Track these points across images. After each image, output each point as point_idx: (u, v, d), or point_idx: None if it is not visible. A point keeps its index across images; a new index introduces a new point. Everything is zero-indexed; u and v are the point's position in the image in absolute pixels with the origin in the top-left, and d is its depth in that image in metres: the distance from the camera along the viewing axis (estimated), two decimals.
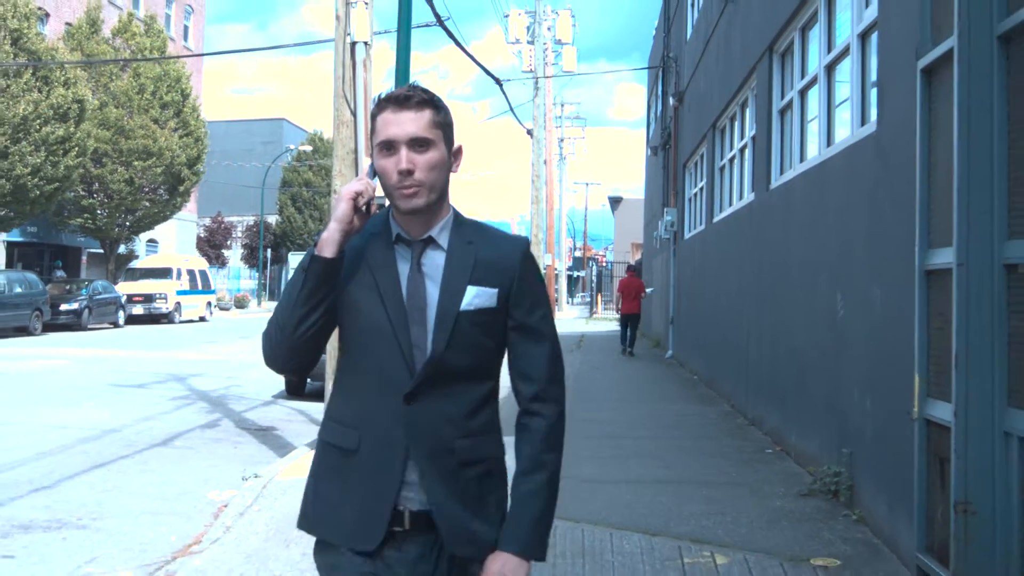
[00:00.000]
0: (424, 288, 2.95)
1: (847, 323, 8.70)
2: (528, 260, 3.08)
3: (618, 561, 6.81)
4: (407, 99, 2.93)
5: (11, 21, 35.96)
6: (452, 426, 2.92)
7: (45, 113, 36.53)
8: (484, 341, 2.98)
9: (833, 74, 10.12)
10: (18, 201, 35.87)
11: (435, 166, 2.92)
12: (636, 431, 13.21)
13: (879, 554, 7.02)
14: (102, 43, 45.06)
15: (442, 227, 3.03)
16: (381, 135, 2.92)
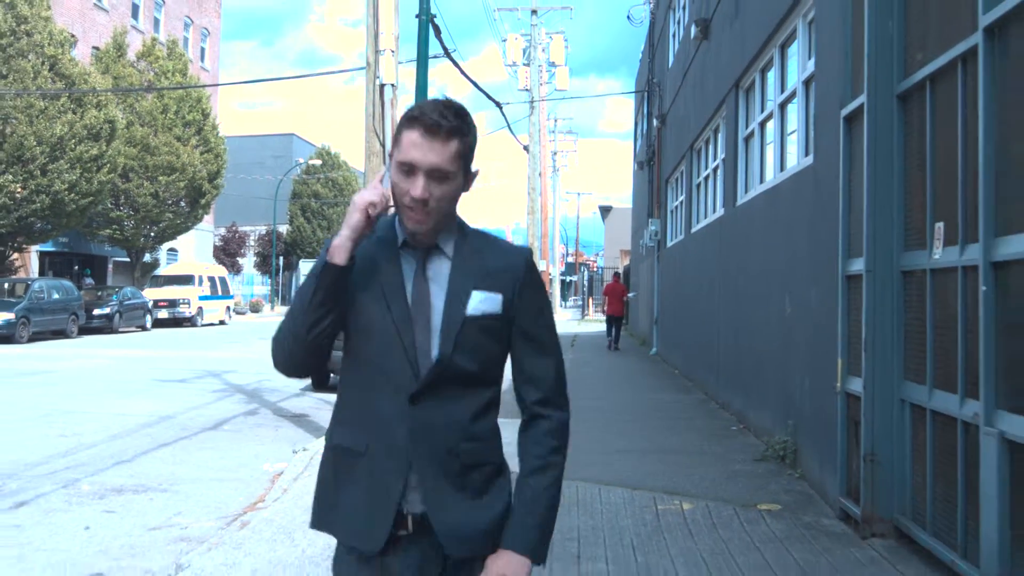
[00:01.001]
0: (429, 293, 2.88)
1: (792, 320, 10.05)
2: (532, 269, 3.00)
3: (605, 508, 8.14)
4: (437, 127, 2.77)
5: (48, 48, 37.14)
6: (456, 429, 2.84)
7: (79, 133, 37.65)
8: (489, 346, 2.90)
9: (785, 111, 11.47)
10: (56, 215, 37.06)
11: (449, 197, 2.82)
12: (622, 414, 14.64)
13: (812, 500, 8.39)
14: (128, 66, 46.04)
15: (447, 235, 2.94)
16: (404, 155, 2.77)
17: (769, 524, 7.58)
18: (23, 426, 13.11)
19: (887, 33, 7.24)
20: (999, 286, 5.39)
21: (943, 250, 6.28)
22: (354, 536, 2.86)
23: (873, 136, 7.22)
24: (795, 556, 6.69)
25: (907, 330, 7.02)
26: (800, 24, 10.36)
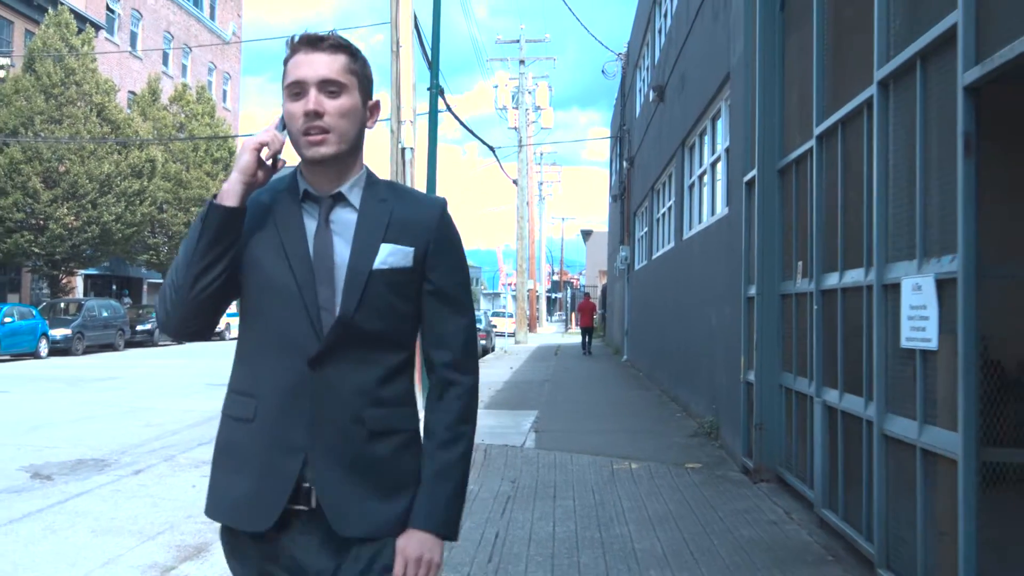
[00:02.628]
0: (332, 246, 2.48)
1: (716, 329, 12.27)
2: (446, 221, 2.61)
3: (575, 468, 10.33)
4: (320, 40, 2.48)
5: (96, 96, 39.29)
6: (362, 394, 2.45)
7: (124, 171, 39.81)
8: (398, 304, 2.50)
9: (715, 169, 13.69)
10: (104, 243, 39.18)
11: (346, 113, 2.46)
12: (594, 406, 16.92)
13: (724, 461, 10.59)
14: (162, 109, 48.15)
15: (353, 184, 2.55)
16: (290, 76, 2.46)
17: (691, 476, 9.77)
18: (114, 419, 15.13)
19: (771, 125, 9.45)
20: (825, 306, 7.61)
21: (799, 281, 8.50)
22: (243, 515, 2.43)
23: (761, 199, 9.45)
24: (705, 494, 8.88)
25: (783, 336, 9.24)
26: (723, 105, 12.59)
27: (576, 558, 6.66)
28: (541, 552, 6.81)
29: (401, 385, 2.55)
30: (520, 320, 50.07)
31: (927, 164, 5.23)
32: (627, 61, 30.04)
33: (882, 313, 5.86)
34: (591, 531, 7.44)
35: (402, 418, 2.54)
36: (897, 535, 5.67)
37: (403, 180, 14.16)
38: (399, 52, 14.26)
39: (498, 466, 10.40)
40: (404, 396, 2.56)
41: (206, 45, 62.03)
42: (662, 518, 7.89)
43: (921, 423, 5.24)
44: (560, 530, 7.47)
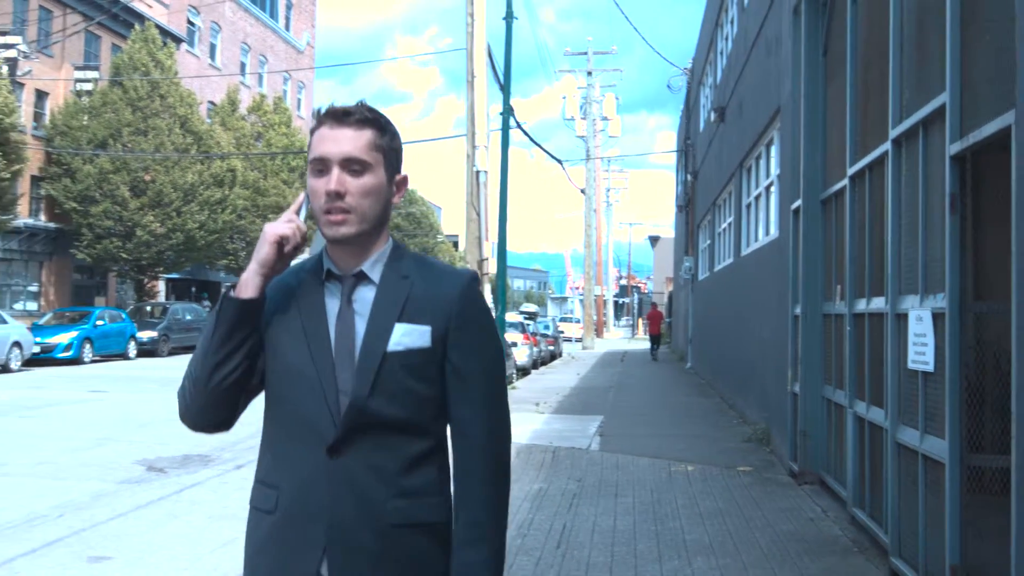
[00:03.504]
0: (354, 327, 2.36)
1: (767, 342, 13.23)
2: (470, 295, 2.44)
3: (636, 469, 11.37)
4: (347, 115, 2.37)
5: (179, 109, 41.04)
6: (383, 484, 2.30)
7: (207, 180, 41.56)
8: (417, 388, 2.35)
9: (770, 192, 14.64)
10: (188, 249, 40.95)
11: (369, 192, 2.35)
12: (655, 411, 18.00)
13: (773, 465, 11.57)
14: (240, 119, 49.86)
15: (376, 260, 2.43)
16: (314, 151, 2.36)
17: (741, 478, 10.78)
18: None
19: (814, 159, 10.40)
20: (855, 328, 8.58)
21: (838, 303, 9.46)
22: None
23: (805, 226, 10.41)
24: (752, 494, 9.88)
25: (825, 352, 10.20)
26: (776, 134, 13.54)
27: (633, 546, 7.72)
28: (603, 541, 7.88)
29: (428, 474, 2.38)
30: (587, 326, 51.10)
31: (927, 215, 6.23)
32: (692, 77, 30.94)
33: (895, 338, 6.86)
34: (648, 524, 8.49)
35: (429, 510, 2.37)
36: (906, 528, 6.66)
37: (477, 202, 15.32)
38: (473, 83, 15.41)
39: (565, 466, 11.46)
40: (432, 485, 2.38)
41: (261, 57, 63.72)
42: (712, 514, 8.91)
43: (922, 433, 6.24)
44: (620, 523, 8.53)
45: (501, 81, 17.87)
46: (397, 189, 2.50)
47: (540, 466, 11.47)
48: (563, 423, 15.91)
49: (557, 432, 14.58)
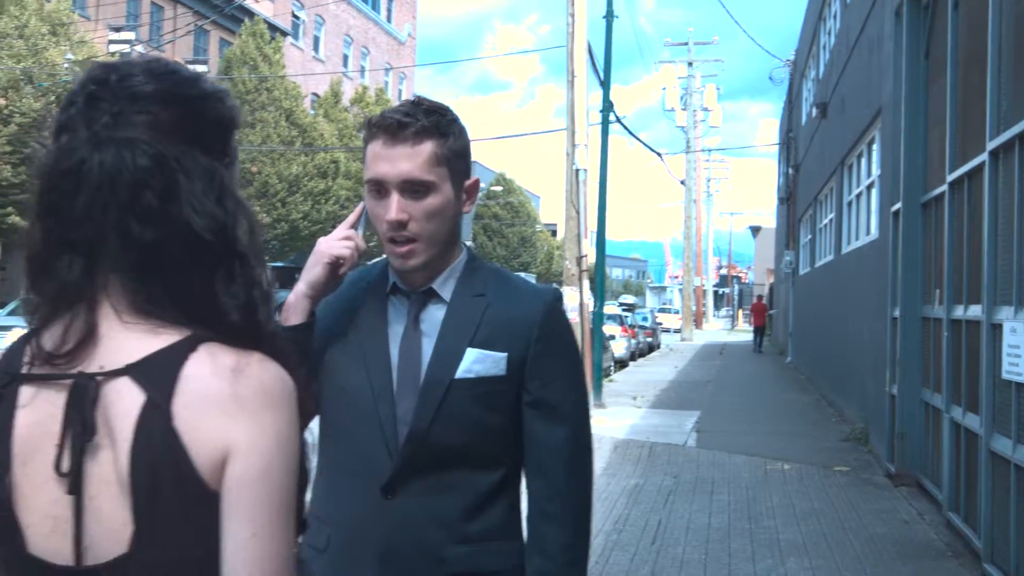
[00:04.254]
0: (420, 351, 2.14)
1: (866, 342, 13.25)
2: (553, 318, 2.20)
3: (732, 467, 11.54)
4: (401, 128, 2.07)
5: (284, 102, 41.94)
6: (443, 529, 2.07)
7: (311, 171, 42.47)
8: (486, 418, 2.12)
9: (870, 191, 14.62)
10: (292, 239, 41.90)
11: (435, 214, 2.10)
12: (753, 408, 18.09)
13: (871, 465, 11.63)
14: (343, 111, 50.64)
15: (447, 276, 2.19)
16: (369, 170, 2.11)
17: (838, 478, 10.87)
18: None
19: (915, 162, 10.42)
20: (953, 333, 8.65)
21: (936, 307, 9.51)
22: None
23: (905, 229, 10.46)
24: (848, 495, 9.98)
25: (923, 355, 10.24)
26: (877, 134, 13.52)
27: (727, 544, 7.93)
28: (697, 538, 8.10)
29: (495, 516, 2.14)
30: (686, 317, 51.00)
31: (1022, 228, 6.31)
32: (794, 69, 30.70)
33: (990, 347, 6.95)
34: (742, 523, 8.68)
35: (495, 557, 2.15)
36: (999, 535, 6.76)
37: (576, 199, 15.55)
38: (573, 82, 15.63)
39: (661, 462, 11.68)
40: (500, 529, 2.16)
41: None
42: (807, 514, 9.05)
43: (1015, 443, 6.35)
44: (715, 521, 8.73)
45: (601, 77, 18.08)
46: (467, 196, 2.23)
47: (637, 461, 11.70)
48: (660, 418, 16.11)
49: (654, 427, 14.79)
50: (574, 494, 2.19)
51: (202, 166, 1.38)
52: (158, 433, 1.27)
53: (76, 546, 1.30)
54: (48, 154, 1.38)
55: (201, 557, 1.30)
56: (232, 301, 1.37)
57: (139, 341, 1.33)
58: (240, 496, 1.29)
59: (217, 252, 1.37)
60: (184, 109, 1.40)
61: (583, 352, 15.47)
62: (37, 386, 1.34)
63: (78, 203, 1.34)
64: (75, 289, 1.35)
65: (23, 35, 28.71)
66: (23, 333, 1.41)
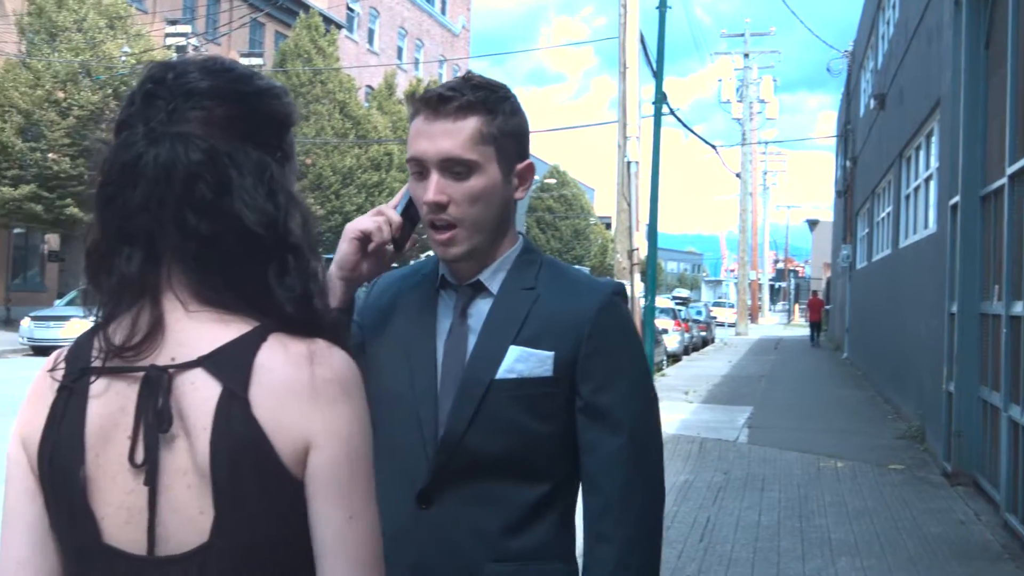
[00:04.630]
0: (466, 348, 1.97)
1: (923, 339, 13.02)
2: (609, 314, 1.97)
3: (783, 463, 11.39)
4: (443, 102, 1.90)
5: (338, 95, 42.16)
6: (481, 543, 1.90)
7: (364, 164, 42.67)
8: (532, 424, 1.92)
9: (929, 184, 14.36)
10: None
11: (479, 197, 1.92)
12: (807, 404, 17.90)
13: (927, 464, 11.42)
14: (397, 103, 50.84)
15: (497, 267, 2.02)
16: (409, 148, 1.95)
17: (892, 476, 10.69)
18: None
19: (973, 155, 10.20)
20: (1012, 330, 8.45)
21: (995, 303, 9.31)
22: None
23: (963, 223, 10.25)
24: (903, 493, 9.81)
25: (981, 352, 10.03)
26: (936, 126, 13.28)
27: (777, 543, 7.82)
28: (746, 536, 7.99)
29: (541, 533, 1.93)
30: (741, 311, 50.63)
31: None
32: (852, 60, 30.31)
33: None
34: (793, 521, 8.56)
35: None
36: None
37: (627, 191, 15.45)
38: (626, 74, 15.53)
39: (712, 458, 11.56)
40: (545, 548, 1.94)
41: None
42: (859, 513, 8.90)
43: None
44: (765, 519, 8.61)
45: (653, 67, 17.94)
46: (520, 181, 2.03)
47: (687, 457, 11.59)
48: (711, 413, 15.97)
49: (705, 423, 14.66)
50: (633, 513, 1.92)
51: (253, 161, 1.41)
52: (238, 422, 1.30)
53: (150, 536, 1.32)
54: (108, 150, 1.42)
55: (278, 543, 1.34)
56: (287, 293, 1.39)
57: (208, 331, 1.36)
58: (330, 482, 1.33)
59: (269, 245, 1.39)
60: (238, 105, 1.43)
61: None
62: (108, 379, 1.37)
63: (135, 196, 1.37)
64: (137, 281, 1.38)
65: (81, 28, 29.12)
66: (90, 327, 1.44)
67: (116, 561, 1.34)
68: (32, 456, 1.39)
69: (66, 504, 1.35)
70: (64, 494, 1.35)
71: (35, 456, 1.38)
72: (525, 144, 2.03)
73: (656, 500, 1.99)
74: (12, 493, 1.40)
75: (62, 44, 28.75)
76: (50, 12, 28.75)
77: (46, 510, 1.39)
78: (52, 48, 28.79)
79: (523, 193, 2.02)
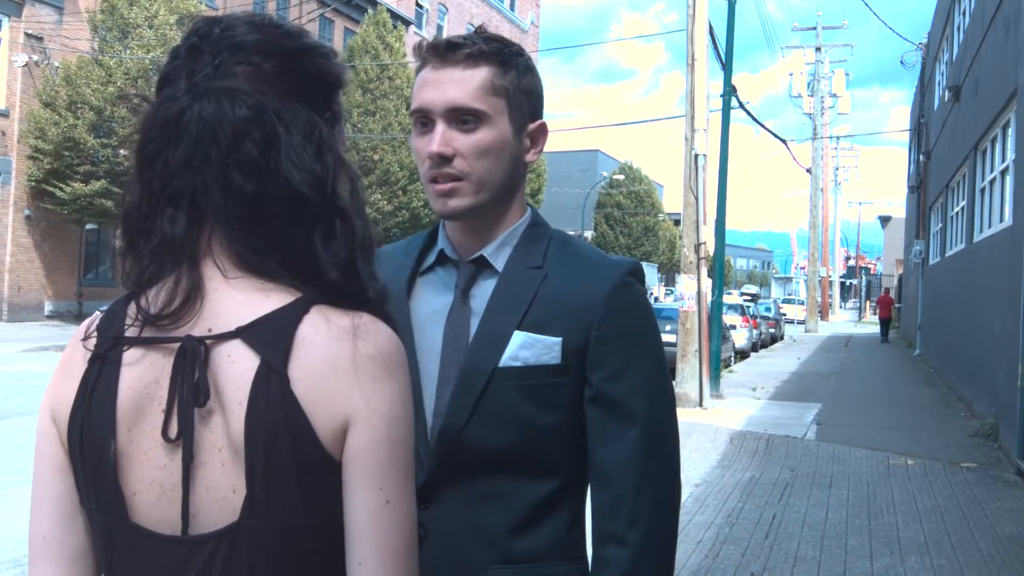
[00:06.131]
0: (468, 332, 1.82)
1: (998, 335, 12.72)
2: (622, 297, 1.81)
3: (852, 461, 11.18)
4: (453, 49, 1.78)
5: (406, 90, 42.26)
6: (484, 544, 1.76)
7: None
8: (538, 416, 1.77)
9: (1006, 176, 14.03)
10: (413, 226, 42.29)
11: (487, 151, 1.78)
12: (878, 401, 17.58)
13: (1001, 462, 11.14)
14: None
15: (502, 242, 1.87)
16: (414, 100, 1.82)
17: (965, 475, 10.44)
18: None
19: None
20: None
21: None
22: None
23: None
24: (975, 492, 9.58)
25: None
26: (1013, 117, 12.96)
27: (844, 541, 7.66)
28: (812, 534, 7.84)
29: (549, 532, 1.80)
30: (811, 308, 49.98)
31: None
32: (927, 52, 29.76)
33: None
34: (861, 519, 8.38)
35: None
36: None
37: (695, 185, 15.27)
38: (694, 65, 15.33)
39: (779, 455, 11.38)
40: (554, 549, 1.81)
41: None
42: (930, 511, 8.70)
43: None
44: (832, 516, 8.45)
45: (723, 59, 17.73)
46: (532, 143, 1.89)
47: (753, 453, 11.43)
48: (779, 410, 15.75)
49: (773, 419, 14.45)
50: (645, 510, 1.76)
51: (302, 120, 1.35)
52: (275, 398, 1.24)
53: (184, 514, 1.27)
54: (149, 107, 1.36)
55: (314, 525, 1.28)
56: (332, 259, 1.33)
57: (248, 301, 1.30)
58: (368, 463, 1.27)
59: (316, 208, 1.33)
60: (286, 61, 1.37)
61: (700, 342, 15.21)
62: (142, 349, 1.31)
63: (178, 153, 1.31)
64: (179, 245, 1.31)
65: (152, 25, 29.46)
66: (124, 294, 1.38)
67: (143, 540, 1.29)
68: (62, 429, 1.33)
69: (95, 479, 1.30)
70: (93, 469, 1.30)
71: (65, 429, 1.33)
72: (539, 104, 1.90)
73: (670, 497, 1.83)
74: (41, 467, 1.36)
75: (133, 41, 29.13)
76: (122, 9, 29.10)
77: (75, 485, 1.34)
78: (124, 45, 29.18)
79: (535, 156, 1.89)
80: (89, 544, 1.35)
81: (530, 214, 1.93)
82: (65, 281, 31.41)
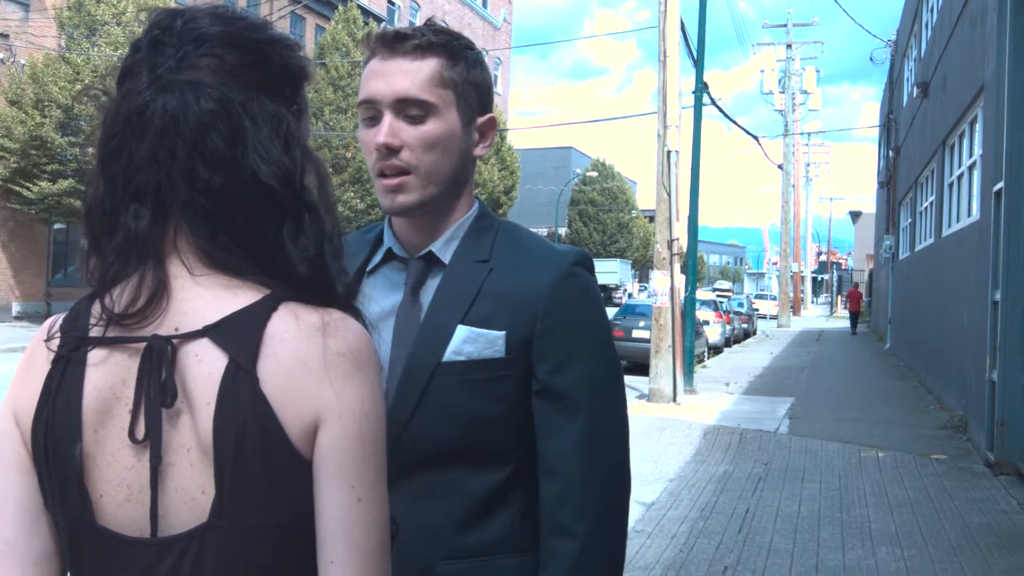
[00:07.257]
0: (416, 328, 1.80)
1: (966, 328, 12.85)
2: (567, 288, 1.79)
3: (824, 454, 11.28)
4: (400, 40, 1.77)
5: None
6: (432, 542, 1.75)
7: None
8: (484, 409, 1.76)
9: (973, 172, 14.16)
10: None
11: (435, 144, 1.76)
12: (849, 395, 17.73)
13: (969, 454, 11.26)
14: None
15: (450, 236, 1.86)
16: (361, 91, 1.81)
17: (935, 466, 10.56)
18: None
19: (1019, 139, 10.04)
20: None
21: None
22: None
23: (1008, 210, 10.09)
24: (945, 483, 9.68)
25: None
26: (980, 112, 13.08)
27: (816, 533, 7.73)
28: (785, 527, 7.92)
29: (499, 526, 1.79)
30: (783, 303, 50.28)
31: None
32: (895, 49, 29.98)
33: None
34: (833, 511, 8.47)
35: (499, 574, 1.79)
36: None
37: (667, 181, 15.34)
38: (666, 62, 15.41)
39: (752, 449, 11.47)
40: (504, 542, 1.79)
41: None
42: (900, 503, 8.80)
43: None
44: (805, 509, 8.53)
45: (695, 56, 17.82)
46: (481, 137, 1.88)
47: (726, 448, 11.52)
48: (752, 404, 15.86)
49: (745, 413, 14.55)
50: (592, 502, 1.75)
51: (268, 113, 1.32)
52: (244, 397, 1.23)
53: (152, 515, 1.25)
54: (111, 101, 1.33)
55: (285, 525, 1.27)
56: (301, 254, 1.31)
57: (215, 299, 1.28)
58: (340, 461, 1.26)
59: (284, 202, 1.31)
60: (251, 53, 1.35)
61: (673, 338, 15.28)
62: (107, 349, 1.29)
63: (142, 148, 1.28)
64: (143, 241, 1.29)
65: (120, 22, 29.22)
66: (87, 293, 1.35)
67: (109, 543, 1.27)
68: (25, 431, 1.31)
69: (60, 482, 1.28)
70: (58, 471, 1.27)
71: (28, 431, 1.30)
72: (488, 98, 1.88)
73: (619, 489, 1.83)
74: (3, 470, 1.33)
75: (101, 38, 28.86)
76: (89, 6, 28.80)
77: (39, 488, 1.32)
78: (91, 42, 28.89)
79: (484, 150, 1.87)
80: (54, 547, 1.33)
81: (477, 207, 1.92)
82: (33, 281, 31.15)
